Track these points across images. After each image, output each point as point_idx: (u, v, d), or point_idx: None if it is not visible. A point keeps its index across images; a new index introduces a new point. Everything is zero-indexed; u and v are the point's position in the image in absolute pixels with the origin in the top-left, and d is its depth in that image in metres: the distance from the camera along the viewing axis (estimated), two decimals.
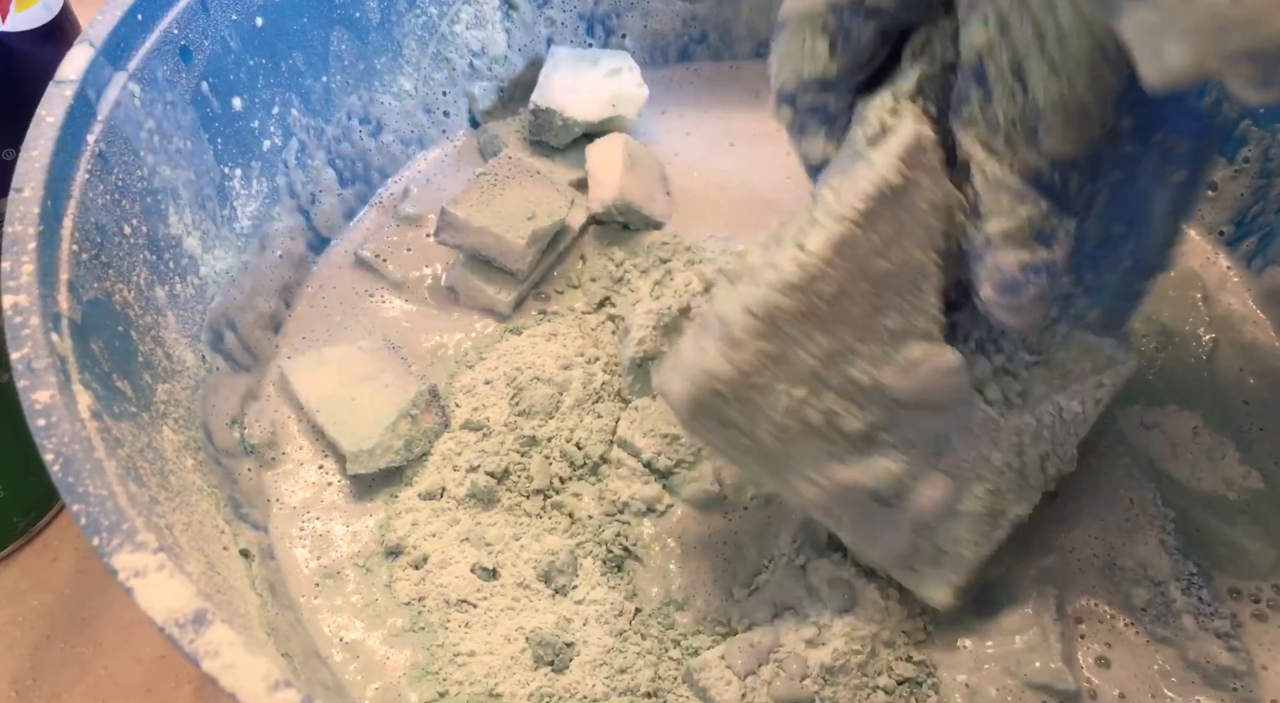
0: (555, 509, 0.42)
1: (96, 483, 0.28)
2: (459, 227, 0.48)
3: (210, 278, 0.44)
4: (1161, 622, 0.39)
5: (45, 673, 0.42)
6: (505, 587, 0.40)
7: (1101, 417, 0.39)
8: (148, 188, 0.40)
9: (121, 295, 0.37)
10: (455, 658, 0.39)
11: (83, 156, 0.36)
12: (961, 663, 0.39)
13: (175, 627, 0.26)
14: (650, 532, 0.42)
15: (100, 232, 0.36)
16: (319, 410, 0.44)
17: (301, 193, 0.50)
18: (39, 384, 0.30)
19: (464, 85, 0.56)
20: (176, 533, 0.32)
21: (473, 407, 0.45)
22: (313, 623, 0.40)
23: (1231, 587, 0.40)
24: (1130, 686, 0.38)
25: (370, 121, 0.53)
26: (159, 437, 0.36)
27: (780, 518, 0.42)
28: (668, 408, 0.43)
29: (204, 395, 0.42)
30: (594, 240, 0.52)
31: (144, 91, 0.39)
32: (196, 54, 0.42)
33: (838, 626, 0.38)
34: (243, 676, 0.25)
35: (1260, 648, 0.39)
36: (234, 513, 0.40)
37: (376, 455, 0.43)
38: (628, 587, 0.41)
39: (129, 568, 0.27)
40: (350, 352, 0.46)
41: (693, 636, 0.39)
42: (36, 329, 0.31)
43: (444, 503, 0.43)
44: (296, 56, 0.48)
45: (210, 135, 0.44)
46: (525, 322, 0.49)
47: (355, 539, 0.43)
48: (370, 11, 0.51)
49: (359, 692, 0.39)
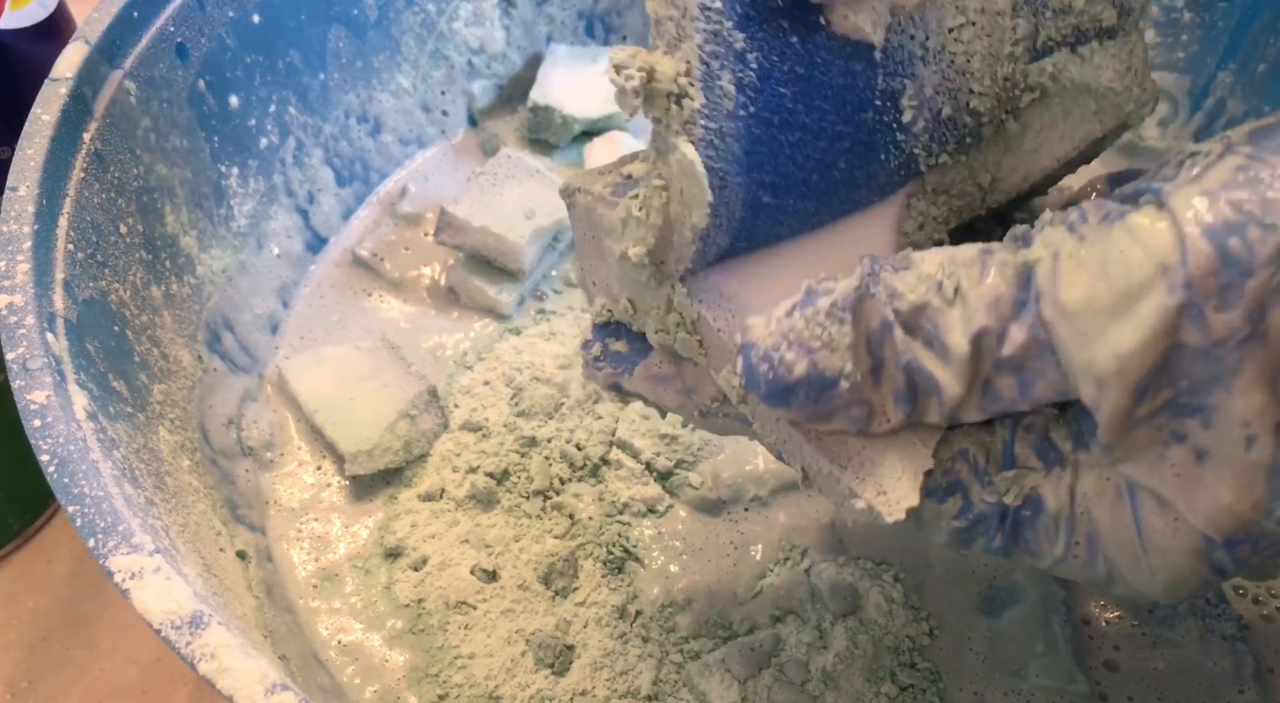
0: (555, 510, 0.42)
1: (92, 484, 0.28)
2: (459, 227, 0.48)
3: (207, 277, 0.44)
4: (1168, 624, 0.39)
5: (41, 676, 0.41)
6: (505, 589, 0.40)
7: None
8: (144, 186, 0.39)
9: (117, 295, 0.37)
10: (455, 660, 0.39)
11: (78, 155, 0.36)
12: (967, 667, 0.38)
13: (171, 629, 0.25)
14: (651, 533, 0.42)
15: (96, 230, 0.36)
16: (317, 411, 0.44)
17: (299, 191, 0.50)
18: (34, 384, 0.30)
19: (462, 83, 0.56)
20: (173, 534, 0.32)
21: (472, 407, 0.45)
22: (310, 625, 0.40)
23: (1238, 589, 0.40)
24: (1138, 688, 0.38)
25: (368, 120, 0.53)
26: (155, 437, 0.36)
27: (783, 520, 0.42)
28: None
29: (201, 396, 0.42)
30: None
31: (140, 89, 0.39)
32: (193, 52, 0.42)
33: (840, 629, 0.38)
34: (240, 678, 0.25)
35: (1268, 651, 0.39)
36: (231, 514, 0.40)
37: (375, 456, 0.43)
38: (628, 589, 0.40)
39: (125, 570, 0.26)
40: (349, 351, 0.46)
41: (694, 639, 0.39)
42: (32, 329, 0.31)
43: (443, 504, 0.43)
44: (294, 54, 0.48)
45: (207, 133, 0.43)
46: (524, 322, 0.49)
47: (354, 541, 0.42)
48: (368, 9, 0.50)
49: (357, 694, 0.38)
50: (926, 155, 0.30)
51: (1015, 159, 0.32)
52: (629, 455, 0.43)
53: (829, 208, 0.29)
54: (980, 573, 0.40)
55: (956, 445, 0.28)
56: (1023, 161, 0.32)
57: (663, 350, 0.31)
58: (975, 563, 0.41)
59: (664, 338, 0.30)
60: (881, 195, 0.30)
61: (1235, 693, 0.38)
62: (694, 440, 0.43)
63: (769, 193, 0.27)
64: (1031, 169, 0.32)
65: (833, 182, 0.29)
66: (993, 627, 0.39)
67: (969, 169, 0.32)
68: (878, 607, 0.38)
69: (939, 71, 0.29)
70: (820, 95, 0.28)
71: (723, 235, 0.27)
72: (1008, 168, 0.32)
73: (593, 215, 0.30)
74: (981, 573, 0.40)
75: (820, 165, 0.28)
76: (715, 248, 0.28)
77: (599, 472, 0.43)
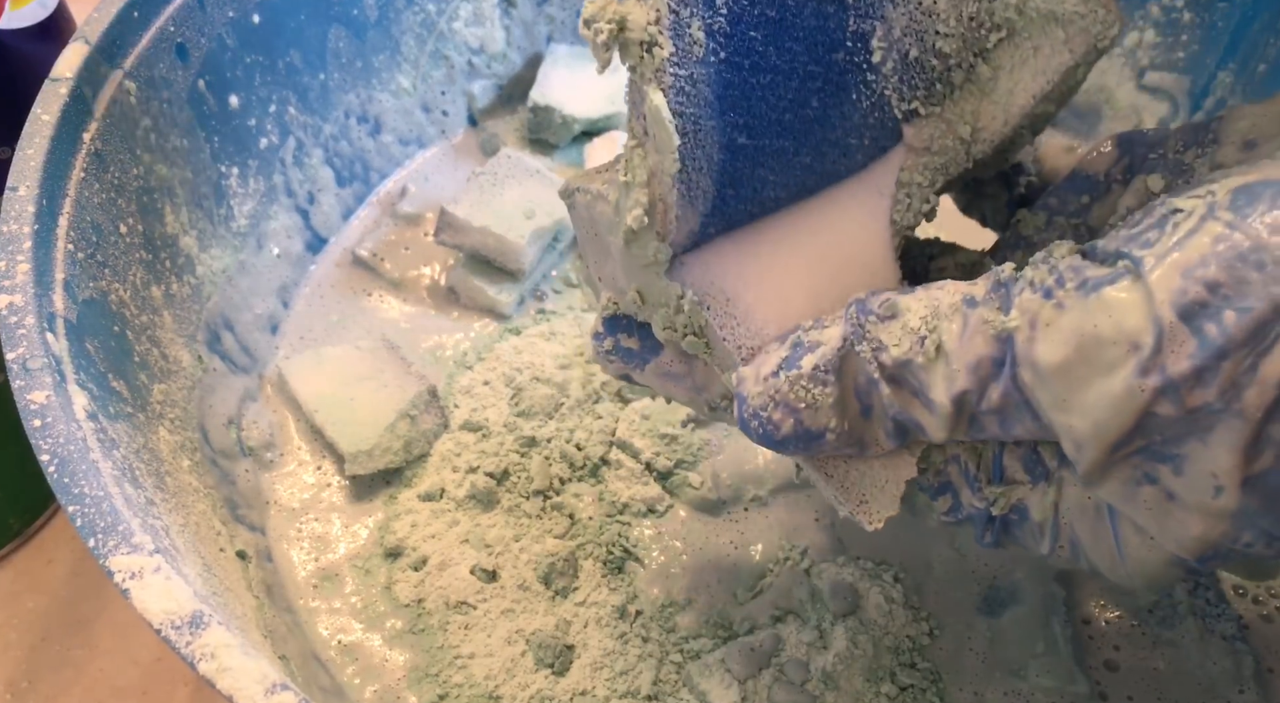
0: (555, 510, 0.42)
1: (92, 484, 0.28)
2: (459, 227, 0.48)
3: (207, 277, 0.44)
4: (1167, 624, 0.39)
5: (41, 676, 0.41)
6: (505, 589, 0.40)
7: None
8: (144, 186, 0.39)
9: (117, 295, 0.37)
10: (455, 660, 0.39)
11: (78, 155, 0.36)
12: (967, 667, 0.38)
13: (171, 629, 0.25)
14: (651, 533, 0.42)
15: (96, 230, 0.36)
16: (317, 411, 0.44)
17: (299, 191, 0.50)
18: (34, 384, 0.30)
19: (462, 83, 0.56)
20: (173, 534, 0.32)
21: (472, 407, 0.45)
22: (310, 625, 0.40)
23: (1238, 589, 0.40)
24: (1137, 688, 0.38)
25: (368, 120, 0.53)
26: (155, 437, 0.36)
27: (784, 520, 0.42)
28: (668, 408, 0.43)
29: (201, 396, 0.42)
30: None
31: (140, 89, 0.39)
32: (193, 52, 0.42)
33: (840, 629, 0.38)
34: (239, 678, 0.25)
35: (1267, 651, 0.39)
36: (231, 514, 0.40)
37: (375, 456, 0.43)
38: (628, 589, 0.40)
39: (125, 570, 0.26)
40: (349, 351, 0.46)
41: (694, 638, 0.39)
42: (32, 329, 0.31)
43: (443, 504, 0.43)
44: (294, 54, 0.48)
45: (207, 133, 0.43)
46: (524, 322, 0.49)
47: (354, 541, 0.42)
48: (368, 9, 0.50)
49: (357, 694, 0.38)
50: (899, 99, 0.31)
51: (992, 105, 0.32)
52: (629, 455, 0.43)
53: (807, 147, 0.30)
54: (980, 573, 0.40)
55: (949, 450, 0.29)
56: (1000, 106, 0.32)
57: (672, 347, 0.32)
58: (975, 563, 0.41)
59: (671, 336, 0.30)
60: (859, 141, 0.31)
61: (1235, 693, 0.38)
62: (694, 440, 0.43)
63: (744, 134, 0.28)
64: (1010, 111, 0.32)
65: (806, 120, 0.29)
66: (993, 627, 0.39)
67: (946, 122, 0.32)
68: (878, 607, 0.38)
69: (907, 13, 0.30)
70: (791, 37, 0.28)
71: (705, 180, 0.27)
72: (986, 115, 0.32)
73: (593, 212, 0.30)
74: (981, 573, 0.40)
75: (793, 105, 0.29)
76: (702, 195, 0.28)
77: (599, 472, 0.43)
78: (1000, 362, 0.25)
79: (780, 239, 0.30)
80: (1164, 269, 0.23)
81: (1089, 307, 0.23)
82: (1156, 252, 0.23)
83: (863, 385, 0.27)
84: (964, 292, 0.26)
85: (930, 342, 0.26)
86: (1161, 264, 0.23)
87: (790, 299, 0.30)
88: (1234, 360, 0.22)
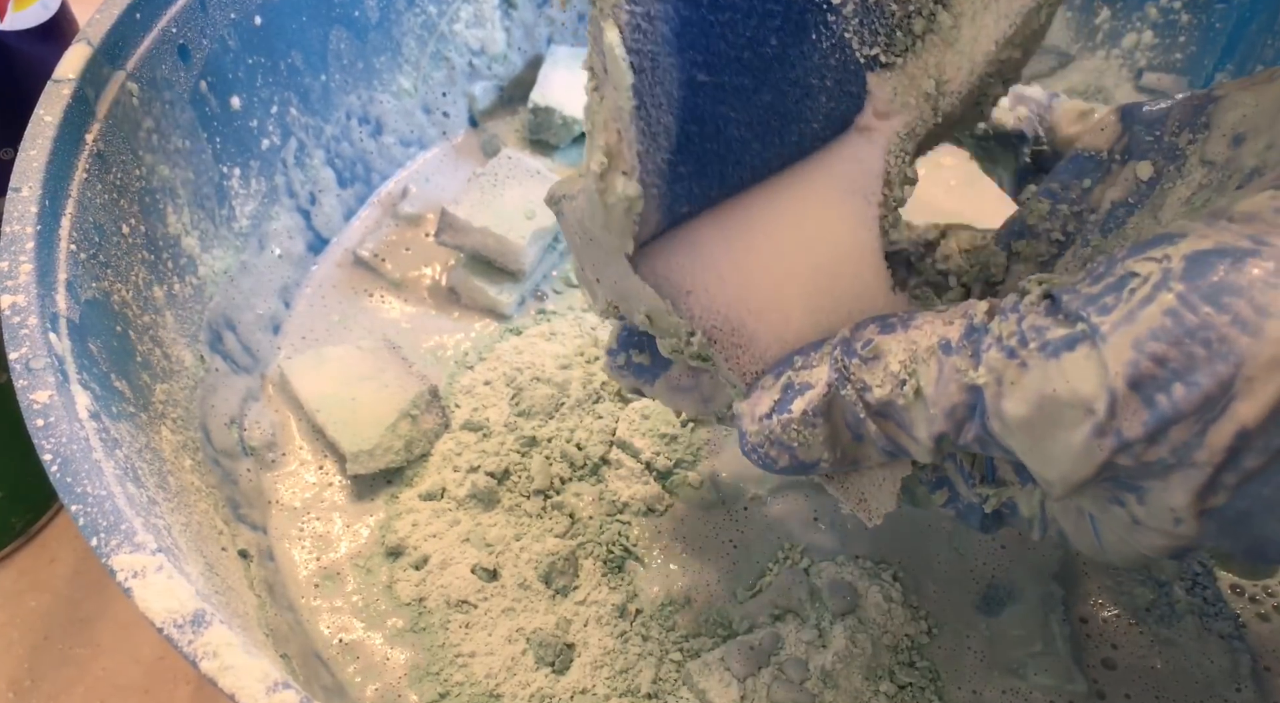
0: (556, 510, 0.42)
1: (95, 483, 0.28)
2: (459, 227, 0.48)
3: (209, 277, 0.44)
4: (1166, 623, 0.39)
5: (43, 674, 0.41)
6: (506, 587, 0.40)
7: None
8: (146, 187, 0.40)
9: (120, 295, 0.37)
10: (456, 659, 0.39)
11: (81, 156, 0.36)
12: (966, 666, 0.38)
13: (174, 628, 0.26)
14: (651, 532, 0.42)
15: (98, 231, 0.36)
16: (319, 410, 0.44)
17: (300, 192, 0.50)
18: (37, 384, 0.30)
19: (463, 84, 0.56)
20: (175, 534, 0.32)
21: (473, 407, 0.45)
22: (312, 624, 0.40)
23: (1236, 588, 0.40)
24: (1135, 687, 0.38)
25: (369, 121, 0.53)
26: (157, 437, 0.36)
27: (783, 519, 0.42)
28: (668, 409, 0.43)
29: (203, 396, 0.42)
30: None
31: (142, 91, 0.39)
32: (195, 53, 0.42)
33: (839, 628, 0.38)
34: (241, 677, 0.25)
35: (1265, 650, 0.39)
36: (233, 514, 0.40)
37: (377, 456, 0.43)
38: (628, 588, 0.40)
39: (127, 569, 0.26)
40: (350, 351, 0.46)
41: (693, 637, 0.39)
42: (34, 329, 0.31)
43: (444, 504, 0.43)
44: (295, 55, 0.48)
45: (209, 134, 0.43)
46: (525, 322, 0.49)
47: (355, 540, 0.42)
48: (369, 10, 0.50)
49: (358, 693, 0.38)
50: (860, 43, 0.31)
51: (956, 55, 0.32)
52: (629, 455, 0.43)
53: (767, 85, 0.30)
54: (979, 572, 0.40)
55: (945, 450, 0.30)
56: (964, 55, 0.32)
57: (680, 363, 0.33)
58: (974, 562, 0.41)
59: (678, 357, 0.31)
60: (820, 82, 0.31)
61: (1232, 691, 0.38)
62: (694, 440, 0.44)
63: (703, 71, 0.28)
64: (975, 59, 0.32)
65: (765, 58, 0.29)
66: (991, 626, 0.39)
67: (910, 77, 0.32)
68: (877, 606, 0.38)
69: None
70: None
71: (665, 116, 0.28)
72: (950, 67, 0.32)
73: (579, 213, 0.30)
74: (980, 572, 0.40)
75: (751, 43, 0.29)
76: (664, 131, 0.28)
77: (599, 471, 0.43)
78: (973, 407, 0.26)
79: (777, 257, 0.31)
80: (1118, 339, 0.23)
81: (1048, 370, 0.25)
82: (1113, 319, 0.24)
83: (851, 421, 0.29)
84: (940, 334, 0.27)
85: (910, 386, 0.27)
86: (1116, 333, 0.24)
87: (790, 318, 0.31)
88: (1182, 427, 0.23)
